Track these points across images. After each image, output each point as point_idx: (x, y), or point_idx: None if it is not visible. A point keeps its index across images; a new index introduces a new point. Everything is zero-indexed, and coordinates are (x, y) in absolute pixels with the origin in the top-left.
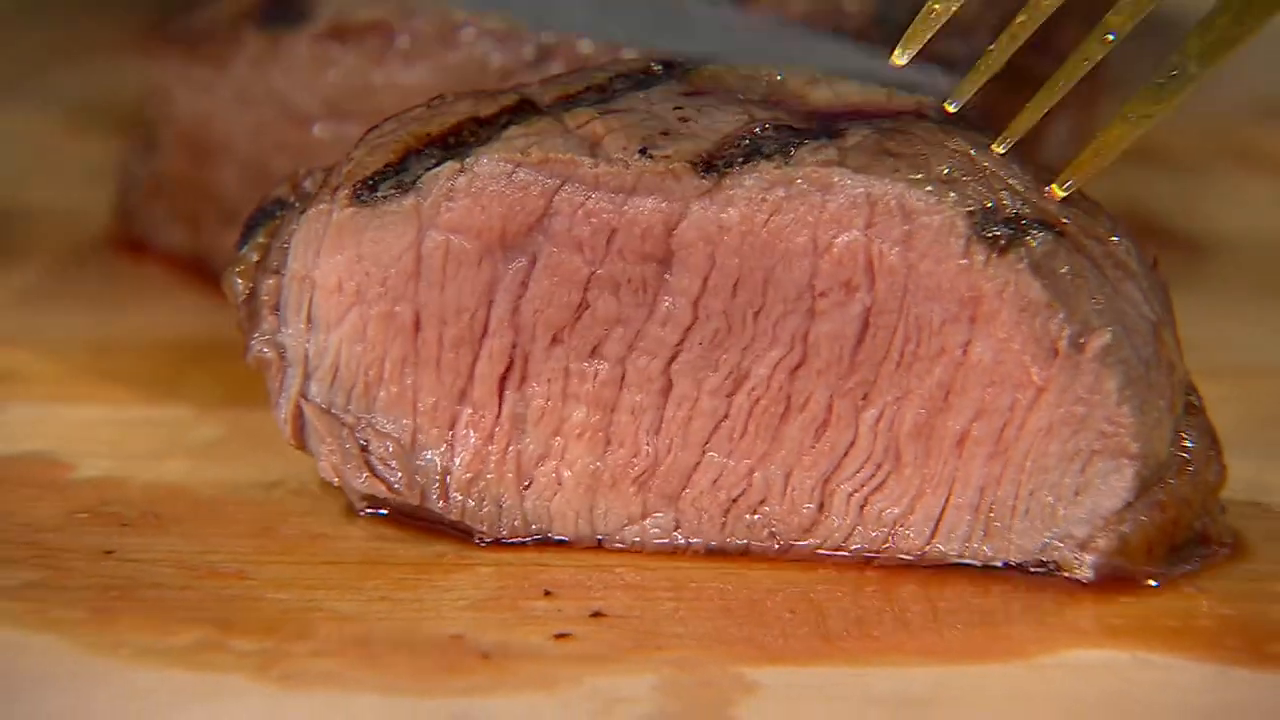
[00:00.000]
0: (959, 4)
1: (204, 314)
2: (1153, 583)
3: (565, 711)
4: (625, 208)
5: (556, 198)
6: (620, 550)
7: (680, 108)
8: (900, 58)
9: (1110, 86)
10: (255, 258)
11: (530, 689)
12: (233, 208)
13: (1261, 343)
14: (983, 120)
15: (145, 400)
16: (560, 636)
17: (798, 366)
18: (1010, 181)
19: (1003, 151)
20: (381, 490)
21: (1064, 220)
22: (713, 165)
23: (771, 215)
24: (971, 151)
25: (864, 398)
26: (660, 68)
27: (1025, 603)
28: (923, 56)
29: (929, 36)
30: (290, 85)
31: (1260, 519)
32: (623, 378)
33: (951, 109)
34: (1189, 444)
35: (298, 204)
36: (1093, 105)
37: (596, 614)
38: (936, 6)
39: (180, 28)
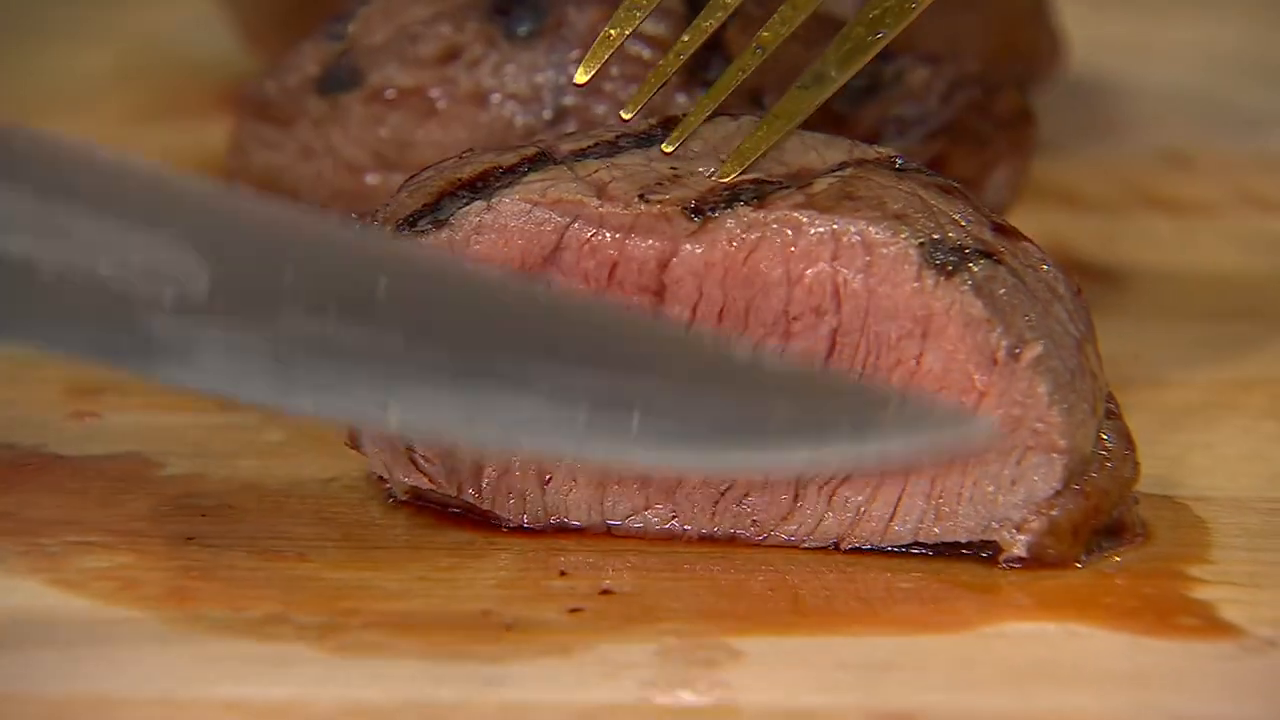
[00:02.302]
0: (632, 29)
1: None
2: (1078, 565)
3: (578, 674)
4: (625, 244)
5: (567, 233)
6: (626, 536)
7: (674, 166)
8: (582, 77)
9: (1041, 141)
10: None
11: (548, 655)
12: None
13: (1168, 358)
14: (931, 168)
15: (222, 409)
16: (574, 610)
17: None
18: (954, 216)
19: (670, 150)
20: (425, 483)
21: (1001, 250)
22: (700, 210)
23: (750, 253)
24: (921, 192)
25: None
26: (660, 130)
27: (970, 583)
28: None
29: (607, 57)
30: (346, 141)
31: (1169, 510)
32: None
33: (626, 116)
34: (1108, 443)
35: None
36: (1027, 154)
37: (605, 591)
38: (612, 32)
39: (255, 94)
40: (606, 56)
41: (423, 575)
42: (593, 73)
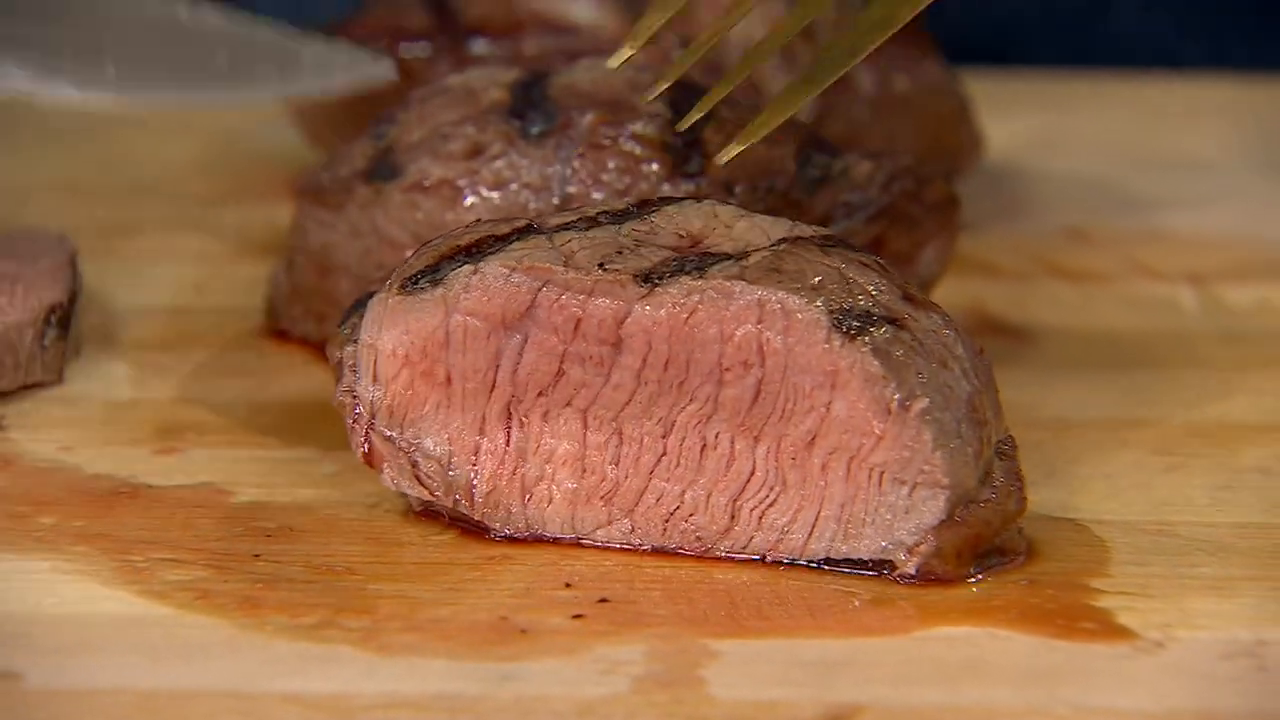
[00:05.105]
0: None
1: (328, 383)
2: (969, 580)
3: (580, 671)
4: (587, 305)
5: (540, 294)
6: (620, 551)
7: (639, 239)
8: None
9: (964, 222)
10: (347, 334)
11: (555, 655)
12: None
13: (1070, 402)
14: (871, 246)
15: (285, 445)
16: (577, 616)
17: (709, 417)
18: (868, 288)
19: (683, 128)
20: (425, 495)
21: (906, 316)
22: (649, 278)
23: (691, 314)
24: (841, 266)
25: (755, 439)
26: (635, 209)
27: (906, 594)
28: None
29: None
30: (388, 223)
31: (1072, 531)
32: (586, 423)
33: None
34: (997, 481)
35: None
36: (953, 233)
37: (603, 600)
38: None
39: (312, 182)
40: (640, 45)
41: (451, 586)
42: (626, 58)
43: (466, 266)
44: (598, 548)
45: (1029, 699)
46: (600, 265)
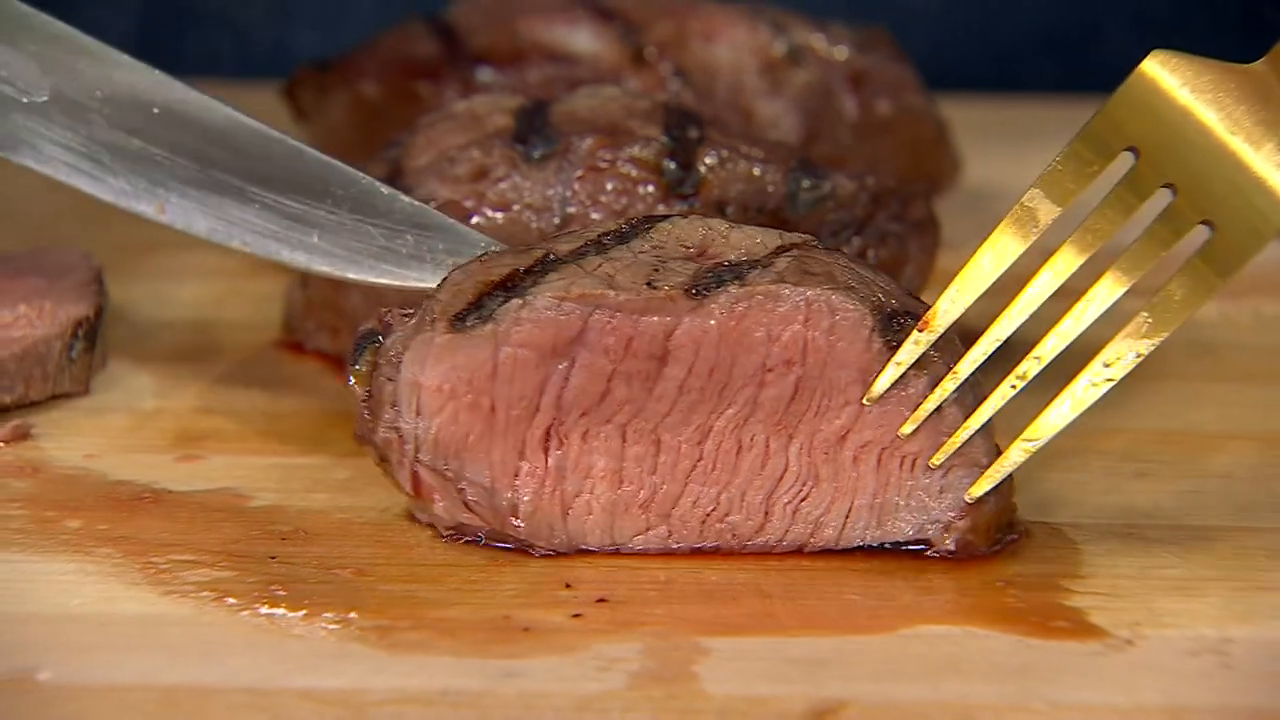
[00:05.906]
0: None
1: (340, 394)
2: (993, 551)
3: (579, 668)
4: (639, 323)
5: (591, 319)
6: (619, 555)
7: (655, 257)
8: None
9: (942, 239)
10: (365, 369)
11: (555, 653)
12: (359, 322)
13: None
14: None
15: (300, 452)
16: (576, 616)
17: (746, 419)
18: (881, 285)
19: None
20: (476, 521)
21: (922, 312)
22: (696, 291)
23: (740, 320)
24: (855, 267)
25: (789, 437)
26: (630, 228)
27: (890, 594)
28: None
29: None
30: None
31: (1048, 533)
32: (625, 437)
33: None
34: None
35: (396, 329)
36: (933, 250)
37: (601, 600)
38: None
39: None
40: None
41: (457, 587)
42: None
43: (515, 300)
44: (615, 554)
45: (1006, 694)
46: (648, 284)
